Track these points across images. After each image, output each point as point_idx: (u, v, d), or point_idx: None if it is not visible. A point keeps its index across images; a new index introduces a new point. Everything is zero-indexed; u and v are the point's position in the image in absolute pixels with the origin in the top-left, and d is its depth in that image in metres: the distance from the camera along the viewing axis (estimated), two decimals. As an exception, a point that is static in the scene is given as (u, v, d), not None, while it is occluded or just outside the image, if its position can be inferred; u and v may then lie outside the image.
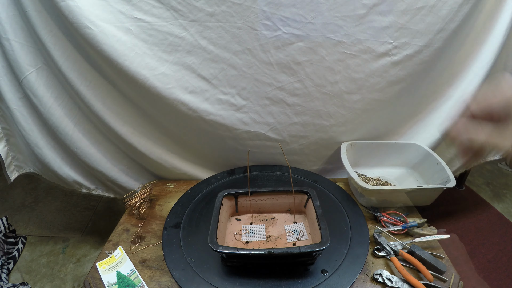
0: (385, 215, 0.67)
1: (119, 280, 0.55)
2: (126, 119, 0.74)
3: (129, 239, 0.64)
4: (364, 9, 0.64)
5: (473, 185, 1.37)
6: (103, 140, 0.79)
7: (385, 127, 0.84)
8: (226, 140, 0.78)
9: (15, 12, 0.63)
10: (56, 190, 1.35)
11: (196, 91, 0.69)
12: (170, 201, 0.75)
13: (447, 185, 0.65)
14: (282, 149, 0.66)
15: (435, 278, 0.53)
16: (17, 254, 1.04)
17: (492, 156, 1.03)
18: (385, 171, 0.84)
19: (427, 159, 0.77)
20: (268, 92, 0.71)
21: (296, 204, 0.64)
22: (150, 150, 0.78)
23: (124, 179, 0.83)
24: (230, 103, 0.72)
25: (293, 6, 0.62)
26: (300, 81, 0.71)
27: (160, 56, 0.65)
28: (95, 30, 0.58)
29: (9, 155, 0.80)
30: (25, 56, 0.66)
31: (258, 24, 0.64)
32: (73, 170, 0.82)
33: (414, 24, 0.66)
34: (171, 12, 0.62)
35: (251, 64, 0.68)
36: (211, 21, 0.63)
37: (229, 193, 0.62)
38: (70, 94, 0.72)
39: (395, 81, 0.73)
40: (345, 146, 0.79)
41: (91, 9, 0.58)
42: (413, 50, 0.69)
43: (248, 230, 0.61)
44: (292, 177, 0.78)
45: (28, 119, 0.73)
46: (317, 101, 0.73)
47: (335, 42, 0.67)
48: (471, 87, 0.78)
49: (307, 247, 0.48)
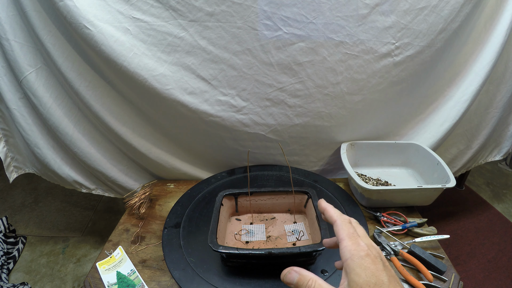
0: (385, 215, 0.67)
1: (119, 280, 0.55)
2: (126, 119, 0.74)
3: (129, 239, 0.64)
4: (366, 9, 0.63)
5: (473, 185, 1.37)
6: (103, 140, 0.79)
7: (385, 127, 0.84)
8: (226, 140, 0.78)
9: (14, 12, 0.63)
10: (56, 190, 1.35)
11: (196, 92, 0.69)
12: (170, 201, 0.75)
13: (447, 185, 0.65)
14: (282, 150, 0.66)
15: (435, 278, 0.53)
16: (17, 254, 1.04)
17: (492, 156, 1.04)
18: (385, 171, 0.84)
19: (427, 159, 0.77)
20: (268, 93, 0.71)
21: (296, 204, 0.64)
22: (150, 150, 0.78)
23: (124, 179, 0.83)
24: (230, 104, 0.71)
25: (294, 6, 0.62)
26: (301, 82, 0.70)
27: (159, 57, 0.65)
28: (94, 30, 0.58)
29: (8, 156, 0.80)
30: (25, 56, 0.66)
31: (258, 24, 0.63)
32: (73, 170, 0.82)
33: (416, 24, 0.66)
34: (170, 12, 0.61)
35: (252, 64, 0.67)
36: (210, 21, 0.63)
37: (229, 193, 0.61)
38: (70, 94, 0.72)
39: (397, 81, 0.73)
40: (345, 146, 0.79)
41: (90, 9, 0.58)
42: (415, 51, 0.69)
43: (248, 230, 0.61)
44: (292, 177, 0.78)
45: (28, 119, 0.73)
46: (319, 102, 0.73)
47: (337, 43, 0.66)
48: (472, 87, 0.78)
49: (307, 247, 0.48)
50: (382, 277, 0.24)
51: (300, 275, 0.28)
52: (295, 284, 0.28)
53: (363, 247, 0.26)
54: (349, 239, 0.27)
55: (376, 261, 0.25)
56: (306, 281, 0.27)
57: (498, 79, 0.84)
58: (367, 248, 0.26)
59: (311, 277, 0.28)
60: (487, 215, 1.20)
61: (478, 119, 0.90)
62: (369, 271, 0.25)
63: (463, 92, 0.79)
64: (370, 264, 0.25)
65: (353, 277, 0.25)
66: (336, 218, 0.30)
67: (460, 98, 0.80)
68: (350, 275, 0.25)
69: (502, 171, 1.50)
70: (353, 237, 0.27)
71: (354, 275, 0.25)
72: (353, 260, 0.25)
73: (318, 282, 0.27)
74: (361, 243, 0.26)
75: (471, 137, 0.93)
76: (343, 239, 0.27)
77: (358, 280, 0.24)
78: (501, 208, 1.24)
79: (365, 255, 0.25)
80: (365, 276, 0.24)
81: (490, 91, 0.85)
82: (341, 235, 0.28)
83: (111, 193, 0.88)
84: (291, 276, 0.28)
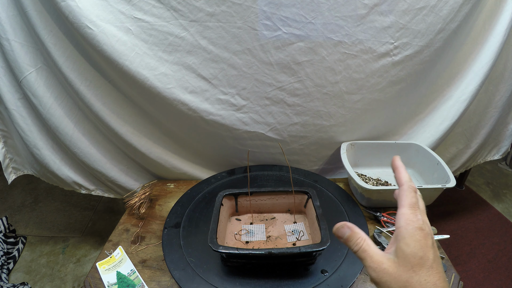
0: (385, 215, 0.67)
1: (119, 280, 0.55)
2: (126, 119, 0.74)
3: (129, 239, 0.64)
4: (365, 9, 0.64)
5: (473, 185, 1.37)
6: (103, 140, 0.79)
7: (385, 127, 0.84)
8: (226, 140, 0.78)
9: (15, 12, 0.63)
10: (56, 190, 1.35)
11: (196, 91, 0.69)
12: (170, 201, 0.75)
13: (447, 185, 0.65)
14: (282, 149, 0.66)
15: (435, 278, 0.53)
16: (17, 254, 1.04)
17: (491, 155, 1.04)
18: (385, 171, 0.84)
19: (427, 159, 0.77)
20: (268, 92, 0.71)
21: (296, 204, 0.64)
22: (150, 150, 0.78)
23: (124, 179, 0.83)
24: (230, 103, 0.72)
25: (293, 6, 0.62)
26: (301, 81, 0.70)
27: (160, 56, 0.65)
28: (95, 30, 0.58)
29: (7, 157, 0.80)
30: (25, 56, 0.66)
31: (258, 24, 0.64)
32: (73, 171, 0.82)
33: (415, 24, 0.66)
34: (171, 12, 0.62)
35: (251, 64, 0.68)
36: (211, 21, 0.63)
37: (229, 193, 0.62)
38: (70, 94, 0.72)
39: (396, 81, 0.73)
40: (345, 146, 0.79)
41: (92, 9, 0.58)
42: (413, 50, 0.69)
43: (248, 230, 0.61)
44: (292, 177, 0.78)
45: (27, 119, 0.73)
46: (318, 101, 0.73)
47: (336, 42, 0.66)
48: (471, 87, 0.78)
49: (307, 247, 0.48)
50: (429, 253, 0.25)
51: (352, 231, 0.28)
52: (345, 239, 0.29)
53: (419, 219, 0.26)
54: (409, 208, 0.27)
55: (428, 237, 0.25)
56: (356, 239, 0.28)
57: (497, 79, 0.84)
58: (423, 222, 0.26)
59: (362, 235, 0.28)
60: (487, 215, 1.20)
61: (477, 119, 0.90)
62: (418, 244, 0.25)
63: (462, 91, 0.80)
64: (421, 238, 0.25)
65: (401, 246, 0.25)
66: (404, 182, 0.29)
67: (459, 98, 0.80)
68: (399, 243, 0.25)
69: (502, 171, 1.50)
70: (413, 207, 0.27)
71: (403, 244, 0.25)
72: (407, 229, 0.26)
73: (367, 242, 0.27)
74: (419, 216, 0.26)
75: (470, 137, 0.93)
76: (403, 206, 0.27)
77: (406, 250, 0.25)
78: (501, 208, 1.24)
79: (419, 228, 0.25)
80: (414, 248, 0.25)
81: (489, 90, 0.86)
82: (402, 201, 0.28)
83: (110, 193, 0.88)
84: (343, 230, 0.29)
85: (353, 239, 0.28)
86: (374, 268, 0.26)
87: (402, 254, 0.25)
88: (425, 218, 0.27)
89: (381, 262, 0.26)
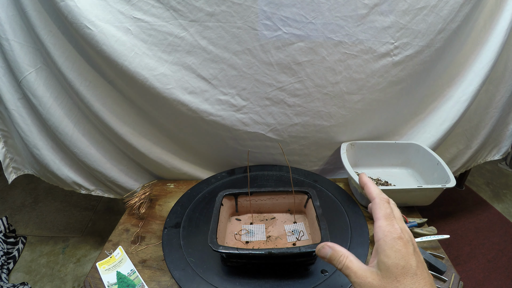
0: (385, 215, 0.67)
1: (119, 280, 0.55)
2: (126, 119, 0.74)
3: (129, 239, 0.64)
4: (365, 9, 0.64)
5: (473, 185, 1.38)
6: (103, 140, 0.79)
7: (385, 127, 0.84)
8: (226, 140, 0.78)
9: (14, 12, 0.63)
10: (56, 190, 1.35)
11: (196, 91, 0.69)
12: (170, 201, 0.75)
13: (447, 185, 0.65)
14: (282, 149, 0.66)
15: (435, 278, 0.53)
16: (17, 254, 1.04)
17: (491, 156, 1.04)
18: (385, 171, 0.84)
19: (427, 159, 0.77)
20: (268, 92, 0.71)
21: (296, 204, 0.64)
22: (150, 150, 0.78)
23: (124, 179, 0.83)
24: (230, 103, 0.72)
25: (293, 6, 0.62)
26: (301, 82, 0.70)
27: (160, 56, 0.65)
28: (95, 30, 0.58)
29: (7, 157, 0.80)
30: (25, 56, 0.66)
31: (258, 24, 0.63)
32: (72, 171, 0.82)
33: (415, 24, 0.66)
34: (171, 12, 0.62)
35: (251, 64, 0.68)
36: (211, 21, 0.63)
37: (229, 193, 0.61)
38: (70, 94, 0.72)
39: (396, 81, 0.73)
40: (345, 146, 0.79)
41: (91, 9, 0.58)
42: (414, 51, 0.69)
43: (248, 230, 0.61)
44: (292, 177, 0.78)
45: (27, 120, 0.73)
46: (318, 101, 0.73)
47: (336, 42, 0.66)
48: (471, 87, 0.78)
49: (307, 247, 0.48)
50: (411, 261, 0.25)
51: (334, 250, 0.29)
52: (328, 258, 0.29)
53: (397, 229, 0.26)
54: (385, 219, 0.27)
55: (408, 245, 0.25)
56: (338, 257, 0.28)
57: (497, 79, 0.84)
58: (401, 231, 0.26)
59: (343, 252, 0.28)
60: (487, 215, 1.20)
61: (478, 119, 0.90)
62: (399, 253, 0.25)
63: (462, 91, 0.79)
64: (401, 247, 0.25)
65: (382, 258, 0.25)
66: (375, 196, 0.30)
67: (460, 98, 0.80)
68: (380, 256, 0.26)
69: (502, 171, 1.50)
70: (389, 218, 0.27)
71: (384, 256, 0.25)
72: (385, 241, 0.26)
73: (350, 258, 0.28)
74: (396, 225, 0.27)
75: (470, 137, 0.93)
76: (379, 219, 0.28)
77: (387, 261, 0.25)
78: (501, 208, 1.24)
79: (398, 238, 0.26)
80: (395, 258, 0.25)
81: (490, 90, 0.86)
82: (377, 214, 0.28)
83: (110, 193, 0.88)
84: (324, 251, 0.30)
85: (335, 257, 0.28)
86: (359, 283, 0.26)
87: (384, 266, 0.25)
88: (403, 225, 0.28)
89: (365, 276, 0.26)
